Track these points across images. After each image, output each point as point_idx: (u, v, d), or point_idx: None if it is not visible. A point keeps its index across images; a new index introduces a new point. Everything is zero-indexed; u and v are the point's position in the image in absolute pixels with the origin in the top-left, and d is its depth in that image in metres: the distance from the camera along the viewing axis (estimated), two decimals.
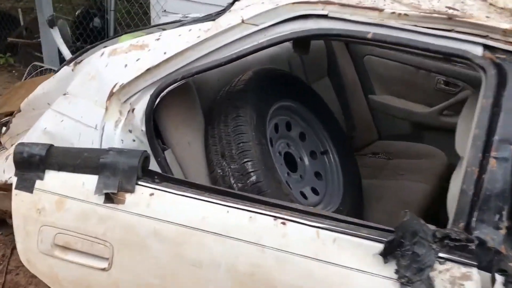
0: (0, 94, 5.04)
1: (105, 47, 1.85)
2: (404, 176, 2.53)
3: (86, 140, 1.68)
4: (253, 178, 1.62)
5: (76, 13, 6.23)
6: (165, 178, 1.37)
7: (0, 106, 3.79)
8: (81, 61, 1.94)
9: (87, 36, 5.54)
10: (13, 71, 5.64)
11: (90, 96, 1.73)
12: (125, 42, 1.79)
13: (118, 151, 1.34)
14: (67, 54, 2.24)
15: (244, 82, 1.82)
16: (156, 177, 1.37)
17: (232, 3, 1.70)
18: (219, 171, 1.69)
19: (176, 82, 1.60)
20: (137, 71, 1.64)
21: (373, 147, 2.98)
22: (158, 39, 1.71)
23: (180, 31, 1.68)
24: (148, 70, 1.63)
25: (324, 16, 1.48)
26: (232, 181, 1.65)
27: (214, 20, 1.66)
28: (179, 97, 1.74)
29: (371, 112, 3.07)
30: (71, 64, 2.02)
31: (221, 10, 1.71)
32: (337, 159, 2.11)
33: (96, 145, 1.65)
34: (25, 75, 4.12)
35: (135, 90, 1.65)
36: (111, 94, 1.66)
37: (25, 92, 3.85)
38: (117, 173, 1.31)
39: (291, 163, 1.98)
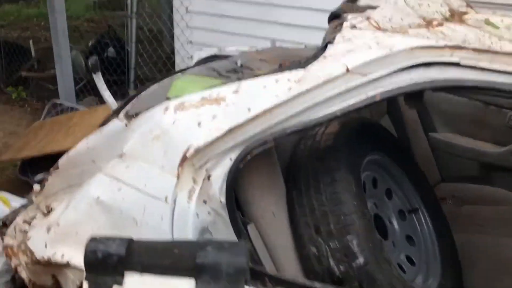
0: (15, 132, 4.78)
1: (168, 99, 1.58)
2: (487, 229, 2.24)
3: (154, 215, 1.39)
4: (360, 260, 1.33)
5: (89, 43, 6.02)
6: (279, 281, 1.08)
7: (19, 150, 3.52)
8: (136, 114, 1.66)
9: (105, 68, 5.30)
10: (26, 106, 5.38)
11: (154, 160, 1.45)
12: (194, 94, 1.52)
13: (218, 246, 1.05)
14: (111, 102, 1.97)
15: (333, 136, 1.54)
16: (267, 279, 1.07)
17: (324, 47, 1.43)
18: (313, 249, 1.40)
19: (266, 144, 1.32)
20: (215, 131, 1.37)
21: (438, 190, 2.68)
22: (236, 92, 1.43)
23: (263, 82, 1.41)
24: (230, 130, 1.35)
25: (454, 64, 1.21)
26: (332, 263, 1.36)
27: (304, 68, 1.39)
28: (259, 159, 1.45)
29: (432, 152, 2.79)
30: (121, 115, 1.74)
31: (311, 57, 1.44)
32: (428, 218, 1.82)
33: (166, 221, 1.37)
34: (44, 114, 3.85)
35: (213, 153, 1.37)
36: (184, 159, 1.38)
37: (46, 134, 3.59)
38: (219, 277, 1.02)
39: (379, 227, 1.69)
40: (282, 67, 1.70)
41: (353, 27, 1.46)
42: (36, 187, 2.10)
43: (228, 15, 4.02)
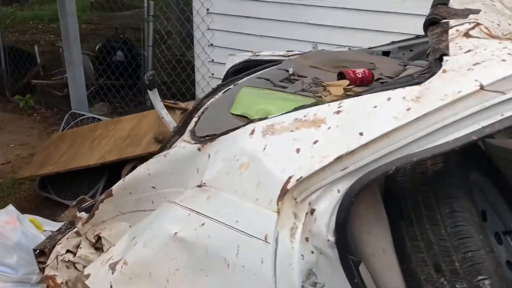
0: (26, 143, 4.56)
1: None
2: None
3: (251, 256, 1.21)
4: None
5: (97, 47, 5.79)
6: None
7: (40, 165, 3.31)
8: (208, 136, 1.47)
9: (111, 72, 5.09)
10: (35, 114, 5.14)
11: (245, 192, 1.27)
12: (284, 115, 1.34)
13: None
14: (169, 121, 1.79)
15: (441, 158, 1.36)
16: None
17: (439, 59, 1.25)
18: None
19: (387, 173, 1.14)
20: (321, 160, 1.19)
21: None
22: (338, 112, 1.25)
23: (372, 101, 1.22)
24: (339, 158, 1.17)
25: None
26: None
27: (419, 84, 1.21)
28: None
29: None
30: (187, 137, 1.56)
31: (425, 70, 1.26)
32: None
33: (268, 264, 1.19)
34: (62, 125, 3.63)
35: (318, 185, 1.19)
36: (284, 192, 1.20)
37: (68, 147, 3.37)
38: None
39: None
40: (343, 75, 1.62)
41: (467, 35, 1.29)
42: (82, 214, 1.91)
43: (252, 16, 3.83)
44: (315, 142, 1.22)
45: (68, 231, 2.08)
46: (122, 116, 4.64)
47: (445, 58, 1.24)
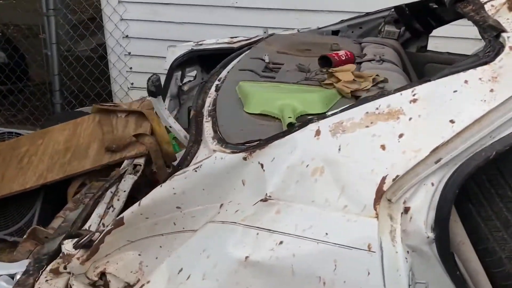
0: None
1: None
2: None
3: (354, 269, 1.10)
4: None
5: None
6: None
7: None
8: (259, 143, 1.29)
9: None
10: None
11: (326, 200, 1.15)
12: (349, 111, 1.22)
13: None
14: (178, 129, 1.55)
15: None
16: None
17: (497, 36, 1.23)
18: None
19: (487, 160, 1.10)
20: (415, 154, 1.11)
21: None
22: (415, 101, 1.18)
23: (449, 86, 1.17)
24: (435, 150, 1.10)
25: None
26: None
27: (487, 63, 1.18)
28: None
29: None
30: (217, 147, 1.37)
31: (488, 49, 1.22)
32: None
33: (376, 275, 1.09)
34: None
35: (412, 181, 1.12)
36: (381, 194, 1.10)
37: None
38: None
39: None
40: (328, 59, 1.71)
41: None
42: (77, 252, 1.61)
43: (172, 3, 3.57)
44: (401, 135, 1.14)
45: (42, 271, 1.75)
46: (24, 125, 4.10)
47: (504, 34, 1.23)
